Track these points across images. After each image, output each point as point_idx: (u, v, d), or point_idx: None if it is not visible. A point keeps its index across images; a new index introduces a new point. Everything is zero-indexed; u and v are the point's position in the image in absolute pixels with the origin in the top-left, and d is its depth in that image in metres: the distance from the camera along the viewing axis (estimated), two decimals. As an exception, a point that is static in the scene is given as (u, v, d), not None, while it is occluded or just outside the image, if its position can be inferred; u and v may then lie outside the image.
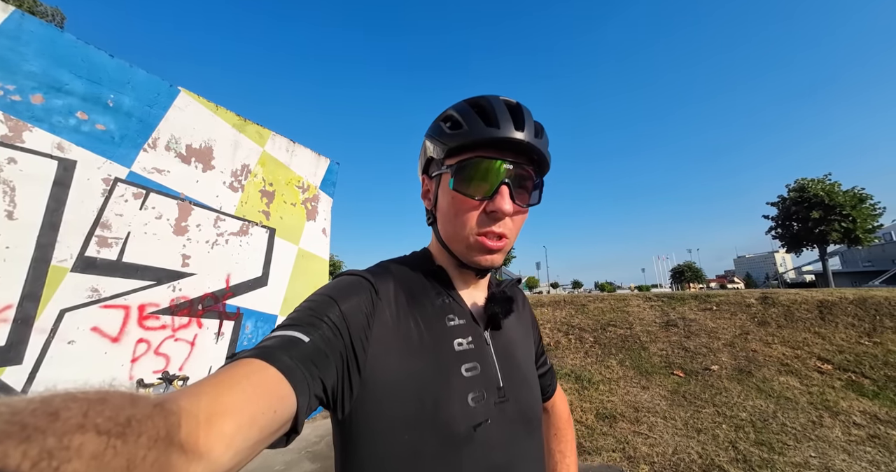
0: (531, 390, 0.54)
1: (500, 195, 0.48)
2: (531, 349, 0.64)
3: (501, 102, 0.50)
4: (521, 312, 0.64)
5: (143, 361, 2.50)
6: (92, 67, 2.48)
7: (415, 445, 0.42)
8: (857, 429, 2.86)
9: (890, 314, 4.45)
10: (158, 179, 2.86)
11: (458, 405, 0.44)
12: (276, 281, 3.74)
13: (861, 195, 16.83)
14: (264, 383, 0.32)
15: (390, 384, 0.43)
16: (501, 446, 0.46)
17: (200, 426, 0.25)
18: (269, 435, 0.31)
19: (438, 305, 0.52)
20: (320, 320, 0.41)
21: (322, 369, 0.38)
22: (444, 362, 0.47)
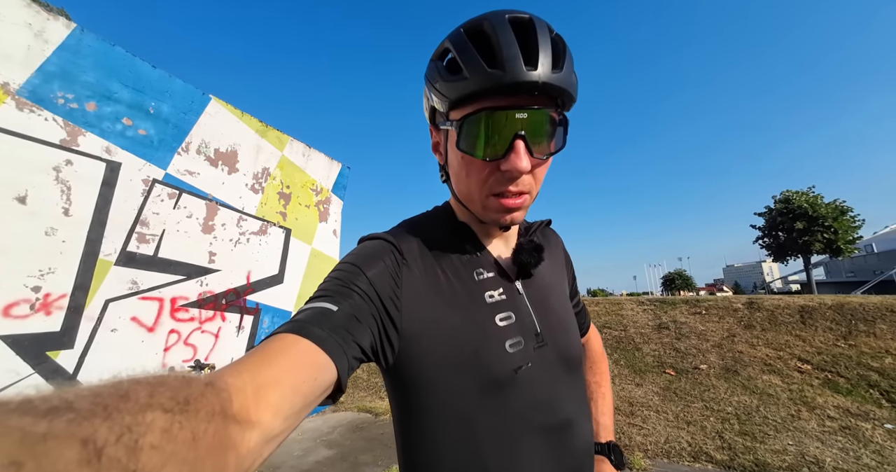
0: (569, 332, 0.55)
1: (514, 153, 0.41)
2: (566, 291, 0.63)
3: (507, 26, 0.40)
4: (553, 254, 0.62)
5: (174, 350, 2.67)
6: (137, 78, 2.69)
7: (458, 387, 0.44)
8: (830, 421, 3.12)
9: (864, 319, 4.77)
10: (190, 181, 3.05)
11: (495, 352, 0.46)
12: (291, 279, 3.93)
13: (842, 207, 17.56)
14: (300, 354, 0.34)
15: (427, 337, 0.45)
16: (544, 385, 0.47)
17: (249, 399, 0.28)
18: (314, 400, 0.34)
19: (466, 260, 0.52)
20: (347, 288, 0.42)
21: (355, 332, 0.39)
22: (477, 314, 0.47)
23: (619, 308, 6.68)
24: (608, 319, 6.30)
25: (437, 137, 0.52)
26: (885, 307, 4.81)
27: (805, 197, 18.53)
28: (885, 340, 4.30)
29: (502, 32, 0.39)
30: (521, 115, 0.41)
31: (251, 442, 0.26)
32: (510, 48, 0.39)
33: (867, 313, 4.85)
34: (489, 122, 0.41)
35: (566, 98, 0.43)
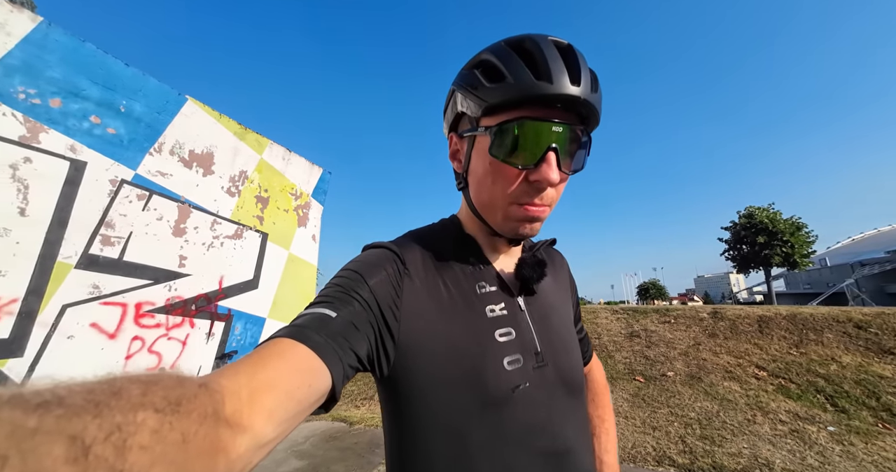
0: (570, 354, 0.53)
1: (546, 163, 0.42)
2: (569, 313, 0.61)
3: (552, 46, 0.42)
4: (557, 274, 0.62)
5: (136, 358, 2.55)
6: (108, 75, 2.61)
7: (452, 403, 0.43)
8: (781, 425, 3.33)
9: (814, 328, 5.14)
10: (161, 182, 2.97)
11: (493, 369, 0.44)
12: (267, 284, 3.84)
13: (798, 223, 18.93)
14: (296, 360, 0.34)
15: (424, 349, 0.44)
16: (542, 407, 0.45)
17: (243, 403, 0.27)
18: (307, 407, 0.33)
19: (469, 273, 0.51)
20: (348, 295, 0.42)
21: (353, 340, 0.39)
22: (477, 328, 0.46)
23: (594, 317, 6.88)
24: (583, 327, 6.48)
25: (458, 144, 0.52)
26: (832, 318, 5.20)
27: (766, 213, 19.90)
28: (831, 348, 4.65)
29: (548, 49, 0.41)
30: (558, 128, 0.42)
31: (241, 447, 0.26)
32: (556, 63, 0.40)
33: (816, 323, 5.23)
34: (526, 130, 0.42)
35: (594, 119, 0.45)
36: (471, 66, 0.46)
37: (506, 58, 0.42)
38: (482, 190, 0.48)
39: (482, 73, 0.44)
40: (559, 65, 0.40)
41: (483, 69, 0.44)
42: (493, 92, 0.42)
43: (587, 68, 0.43)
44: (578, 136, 0.44)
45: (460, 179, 0.53)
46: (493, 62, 0.43)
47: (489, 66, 0.44)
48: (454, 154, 0.53)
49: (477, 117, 0.45)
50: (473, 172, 0.49)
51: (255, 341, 3.56)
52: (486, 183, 0.47)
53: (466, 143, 0.49)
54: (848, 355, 4.46)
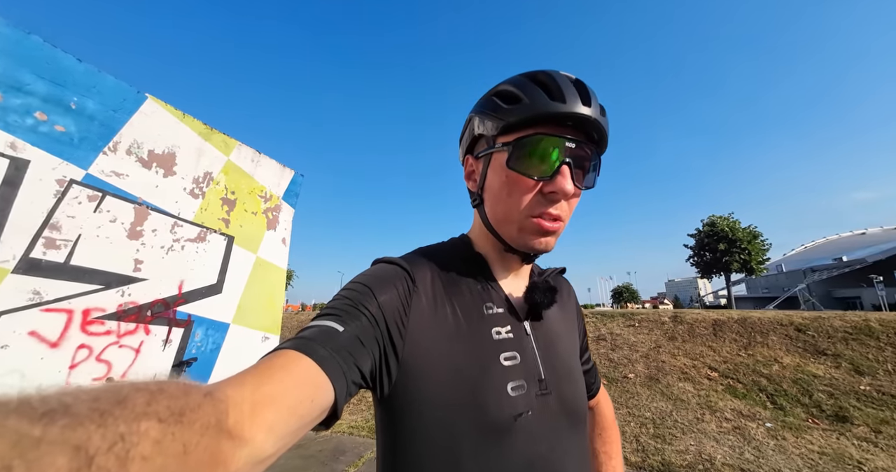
0: (575, 384, 0.52)
1: (560, 175, 0.45)
2: (576, 343, 0.60)
3: (564, 76, 0.47)
4: (565, 303, 0.61)
5: (82, 367, 2.43)
6: (57, 70, 2.49)
7: (455, 428, 0.42)
8: (726, 422, 3.57)
9: (761, 332, 5.53)
10: (116, 183, 2.85)
11: (496, 394, 0.43)
12: (231, 289, 3.74)
13: (755, 232, 20.32)
14: (301, 373, 0.33)
15: (429, 369, 0.43)
16: (543, 438, 0.44)
17: (245, 415, 0.27)
18: (308, 422, 0.33)
19: (476, 293, 0.51)
20: (356, 308, 0.42)
21: (358, 356, 0.38)
22: (482, 350, 0.46)
23: (564, 320, 7.09)
24: (553, 330, 6.67)
25: (473, 165, 0.54)
26: (777, 321, 5.63)
27: (726, 222, 21.26)
28: (775, 350, 5.03)
29: (561, 79, 0.46)
30: (570, 144, 0.45)
31: (241, 461, 0.26)
32: (568, 88, 0.45)
33: (763, 326, 5.63)
34: (542, 144, 0.45)
35: (603, 141, 0.48)
36: (489, 95, 0.50)
37: (522, 84, 0.47)
38: (498, 204, 0.50)
39: (500, 98, 0.48)
40: (571, 89, 0.45)
41: (501, 96, 0.49)
42: (511, 112, 0.46)
43: (596, 97, 0.47)
44: (589, 154, 0.47)
45: (475, 197, 0.55)
46: (511, 89, 0.47)
47: (506, 93, 0.48)
48: (469, 175, 0.56)
49: (494, 136, 0.48)
50: (489, 187, 0.51)
51: (216, 348, 3.45)
52: (503, 196, 0.48)
53: (482, 162, 0.51)
54: (788, 356, 4.84)
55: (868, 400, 3.79)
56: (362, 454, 3.23)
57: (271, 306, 4.49)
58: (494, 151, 0.49)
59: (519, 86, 0.47)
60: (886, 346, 4.69)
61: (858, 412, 3.62)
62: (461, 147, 0.57)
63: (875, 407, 3.67)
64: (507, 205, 0.48)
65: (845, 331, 5.11)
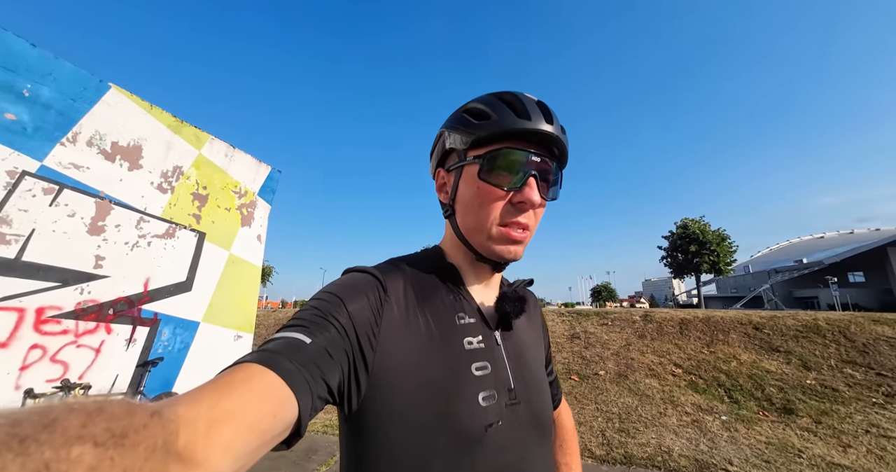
0: (542, 394, 0.53)
1: (528, 186, 0.48)
2: (542, 354, 0.62)
3: (528, 97, 0.51)
4: (532, 314, 0.63)
5: (35, 368, 2.33)
6: (8, 55, 2.36)
7: (425, 442, 0.41)
8: (686, 416, 3.78)
9: (723, 330, 5.85)
10: (75, 175, 2.72)
11: (468, 404, 0.43)
12: (202, 287, 3.64)
13: (723, 235, 21.38)
14: (263, 388, 0.32)
15: (400, 382, 0.43)
16: (513, 448, 0.45)
17: (199, 434, 0.25)
18: (270, 439, 0.31)
19: (449, 303, 0.51)
20: (325, 319, 0.41)
21: (325, 369, 0.37)
22: (454, 361, 0.46)
23: (541, 318, 7.26)
24: (531, 328, 6.81)
25: (445, 178, 0.56)
26: (737, 320, 5.97)
27: (698, 224, 22.28)
28: (734, 347, 5.34)
29: (525, 99, 0.50)
30: (536, 158, 0.49)
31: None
32: (533, 107, 0.49)
33: (725, 324, 5.96)
34: (511, 157, 0.48)
35: (564, 157, 0.53)
36: (460, 112, 0.53)
37: (491, 103, 0.50)
38: (469, 214, 0.51)
39: (470, 115, 0.51)
40: (535, 109, 0.49)
41: (471, 113, 0.52)
42: (481, 127, 0.49)
43: (556, 117, 0.51)
44: (552, 168, 0.50)
45: (447, 208, 0.56)
46: (480, 107, 0.51)
47: (476, 111, 0.51)
48: (441, 187, 0.57)
49: (465, 150, 0.51)
50: (461, 198, 0.52)
51: (185, 347, 3.35)
52: (474, 206, 0.50)
53: (454, 174, 0.53)
54: (746, 353, 5.16)
55: (812, 393, 4.10)
56: (335, 453, 3.24)
57: (245, 304, 4.39)
58: (466, 164, 0.51)
59: (488, 104, 0.50)
60: (831, 343, 5.07)
61: (803, 404, 3.91)
62: (432, 161, 0.59)
63: (818, 400, 3.97)
64: (478, 215, 0.50)
65: (797, 329, 5.48)
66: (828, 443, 3.15)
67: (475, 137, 0.49)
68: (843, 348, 4.91)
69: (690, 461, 2.86)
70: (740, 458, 2.89)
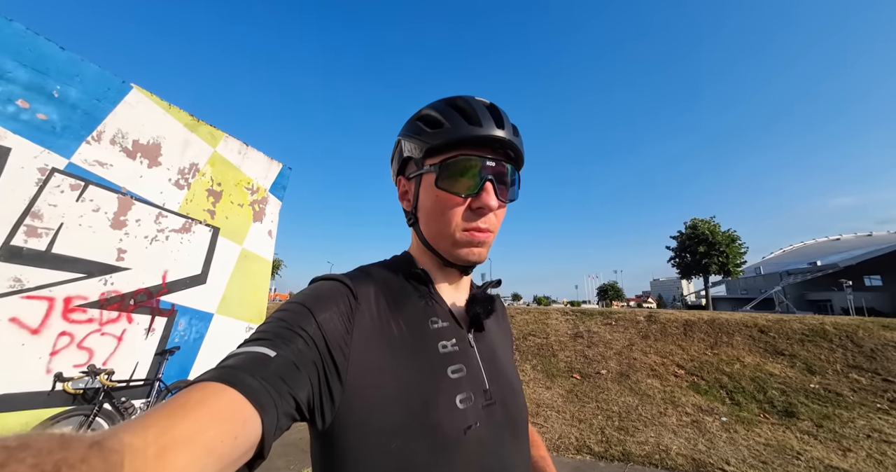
0: (516, 393, 0.54)
1: (485, 192, 0.49)
2: (511, 355, 0.63)
3: (479, 102, 0.51)
4: (499, 317, 0.64)
5: (63, 354, 2.48)
6: (40, 58, 2.49)
7: (404, 452, 0.40)
8: (686, 416, 3.82)
9: (727, 332, 5.83)
10: (99, 172, 2.86)
11: (447, 408, 0.43)
12: (216, 280, 3.79)
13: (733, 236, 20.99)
14: (222, 407, 0.30)
15: (376, 390, 0.42)
16: (492, 449, 0.45)
17: (148, 463, 0.23)
18: (230, 463, 0.29)
19: (421, 307, 0.51)
20: (292, 330, 0.39)
21: (293, 384, 0.35)
22: (430, 365, 0.46)
23: (545, 317, 7.31)
24: (534, 327, 6.88)
25: (406, 186, 0.56)
26: (743, 323, 5.94)
27: (707, 225, 21.90)
28: (739, 349, 5.33)
29: (477, 105, 0.50)
30: (491, 163, 0.49)
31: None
32: (483, 113, 0.49)
33: (730, 327, 5.94)
34: (466, 164, 0.49)
35: (520, 159, 0.53)
36: (414, 119, 0.53)
37: (443, 110, 0.51)
38: (431, 221, 0.52)
39: (423, 123, 0.51)
40: (486, 114, 0.49)
41: (424, 121, 0.52)
42: (435, 136, 0.49)
43: (508, 119, 0.52)
44: (507, 171, 0.51)
45: (410, 217, 0.56)
46: (433, 114, 0.51)
47: (429, 118, 0.51)
48: (403, 195, 0.57)
49: (421, 158, 0.51)
50: (422, 206, 0.53)
51: (199, 337, 3.51)
52: (435, 214, 0.50)
53: (414, 183, 0.54)
54: (750, 355, 5.15)
55: (815, 397, 4.09)
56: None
57: (256, 297, 4.54)
58: (424, 173, 0.51)
59: (440, 111, 0.51)
60: (838, 347, 5.02)
61: (805, 407, 3.91)
62: (392, 168, 0.60)
63: (820, 404, 3.97)
64: (439, 222, 0.51)
65: (803, 333, 5.44)
66: (827, 447, 3.17)
67: (429, 146, 0.49)
68: (849, 353, 4.87)
69: (688, 459, 2.91)
70: (738, 458, 2.93)
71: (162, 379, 2.83)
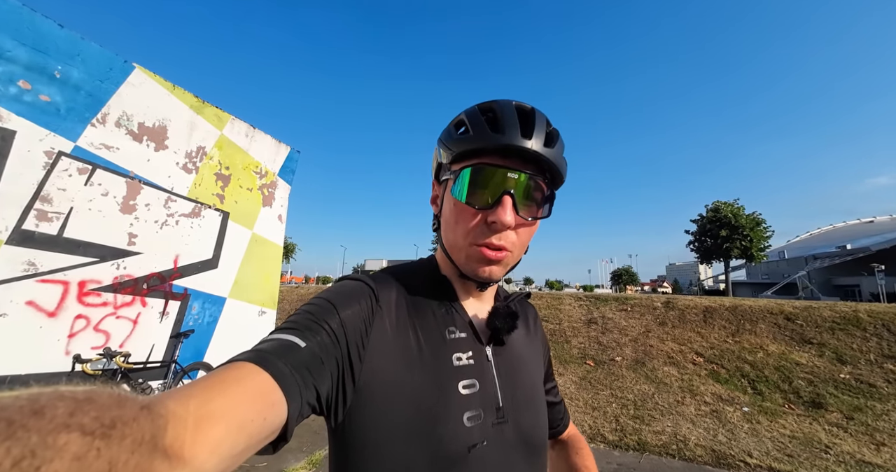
0: (535, 412, 0.52)
1: (501, 206, 0.45)
2: (540, 370, 0.60)
3: (512, 107, 0.48)
4: (530, 329, 0.62)
5: (81, 336, 2.52)
6: (38, 36, 2.41)
7: (406, 460, 0.41)
8: (705, 406, 3.70)
9: (750, 320, 5.60)
10: (106, 156, 2.82)
11: (452, 424, 0.43)
12: (227, 264, 3.80)
13: (758, 219, 20.06)
14: (256, 388, 0.31)
15: (384, 395, 0.42)
16: (497, 468, 0.44)
17: (188, 431, 0.25)
18: (256, 442, 0.31)
19: (440, 316, 0.50)
20: (319, 325, 0.40)
21: (316, 376, 0.37)
22: (441, 378, 0.45)
23: (558, 303, 7.21)
24: (547, 313, 6.79)
25: (437, 190, 0.55)
26: (767, 310, 5.69)
27: (731, 208, 20.95)
28: (762, 337, 5.12)
29: (507, 110, 0.47)
30: (513, 175, 0.45)
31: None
32: (511, 120, 0.46)
33: (753, 314, 5.70)
34: (483, 174, 0.46)
35: (555, 174, 0.48)
36: (451, 125, 0.52)
37: (473, 116, 0.48)
38: (448, 230, 0.51)
39: (454, 128, 0.51)
40: (513, 121, 0.46)
41: (456, 125, 0.51)
42: (458, 142, 0.48)
43: (544, 127, 0.47)
44: (539, 186, 0.47)
45: (436, 221, 0.56)
46: (462, 119, 0.50)
47: (459, 123, 0.50)
48: (434, 199, 0.57)
49: (448, 164, 0.50)
50: (444, 213, 0.52)
51: (213, 321, 3.55)
52: (451, 223, 0.49)
53: (442, 188, 0.53)
54: (774, 343, 4.94)
55: (845, 388, 3.90)
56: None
57: (268, 282, 4.55)
58: (448, 179, 0.50)
59: (470, 117, 0.48)
60: (872, 336, 4.75)
61: (834, 399, 3.73)
62: (433, 171, 0.58)
63: (851, 395, 3.78)
64: (454, 232, 0.49)
65: (833, 321, 5.17)
66: (859, 440, 3.01)
67: (454, 153, 0.48)
68: (885, 343, 4.60)
69: (707, 450, 2.82)
70: (760, 451, 2.82)
71: (178, 361, 2.88)
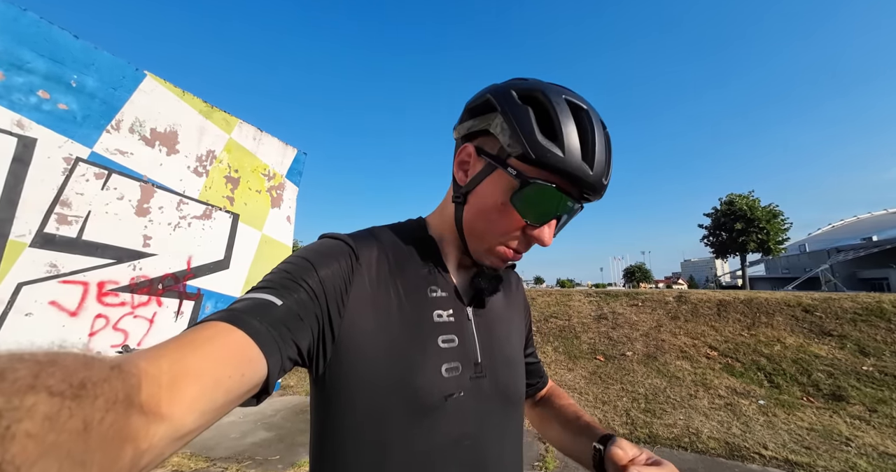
0: (513, 370, 0.54)
1: (548, 226, 0.47)
2: (520, 334, 0.62)
3: (602, 132, 0.45)
4: (512, 294, 0.63)
5: (101, 335, 2.63)
6: (55, 47, 2.53)
7: (385, 406, 0.42)
8: (719, 399, 3.63)
9: (767, 312, 5.46)
10: (121, 161, 2.94)
11: (429, 374, 0.44)
12: (238, 265, 3.90)
13: (775, 211, 19.47)
14: (230, 345, 0.32)
15: (363, 350, 0.43)
16: (473, 418, 0.46)
17: (162, 389, 0.25)
18: (237, 397, 0.31)
19: (423, 275, 0.51)
20: (297, 283, 0.41)
21: (295, 331, 0.38)
22: (421, 332, 0.46)
23: (567, 299, 7.14)
24: (556, 309, 6.74)
25: (470, 158, 0.49)
26: (784, 302, 5.53)
27: (745, 200, 20.39)
28: (779, 330, 4.98)
29: (598, 138, 0.44)
30: (571, 203, 0.46)
31: (155, 437, 0.24)
32: (602, 151, 0.44)
33: (770, 306, 5.55)
34: (551, 195, 0.44)
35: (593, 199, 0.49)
36: (523, 99, 0.45)
37: (566, 124, 0.43)
38: (480, 219, 0.49)
39: (536, 119, 0.43)
40: (604, 156, 0.44)
41: (538, 115, 0.44)
42: (543, 151, 0.42)
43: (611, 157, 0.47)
44: (577, 212, 0.50)
45: (459, 195, 0.51)
46: (550, 115, 0.43)
47: (545, 117, 0.43)
48: (461, 164, 0.50)
49: (509, 155, 0.45)
50: (480, 197, 0.48)
51: (227, 320, 3.66)
52: (489, 217, 0.47)
53: (483, 164, 0.48)
54: (792, 336, 4.80)
55: (868, 380, 3.77)
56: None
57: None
58: (506, 174, 0.45)
59: (563, 123, 0.42)
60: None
61: (857, 391, 3.61)
62: (462, 126, 0.51)
63: (875, 387, 3.65)
64: (487, 227, 0.48)
65: (855, 312, 4.99)
66: (882, 433, 2.91)
67: (532, 158, 0.42)
68: (910, 334, 4.43)
69: (720, 443, 2.77)
70: (777, 443, 2.75)
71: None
